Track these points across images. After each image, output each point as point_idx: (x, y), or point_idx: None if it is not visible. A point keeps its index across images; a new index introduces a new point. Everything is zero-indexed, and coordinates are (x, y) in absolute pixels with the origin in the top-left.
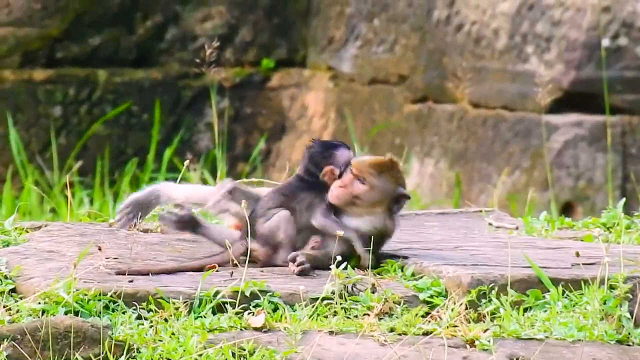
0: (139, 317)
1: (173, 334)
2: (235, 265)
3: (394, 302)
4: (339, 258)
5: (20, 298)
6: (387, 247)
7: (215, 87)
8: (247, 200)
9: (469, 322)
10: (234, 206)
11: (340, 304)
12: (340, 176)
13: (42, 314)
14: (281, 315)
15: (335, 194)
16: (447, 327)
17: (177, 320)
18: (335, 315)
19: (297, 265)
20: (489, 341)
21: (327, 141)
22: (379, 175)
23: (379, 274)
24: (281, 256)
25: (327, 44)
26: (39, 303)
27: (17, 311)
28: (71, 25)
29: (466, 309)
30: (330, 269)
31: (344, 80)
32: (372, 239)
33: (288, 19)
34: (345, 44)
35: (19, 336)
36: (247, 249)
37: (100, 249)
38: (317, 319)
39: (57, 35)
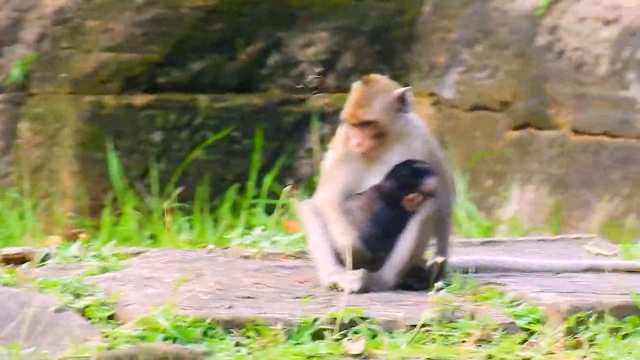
0: (238, 344)
1: None
2: None
3: (492, 328)
4: None
5: (119, 324)
6: (488, 274)
7: (317, 113)
8: None
9: (567, 349)
10: None
11: (439, 330)
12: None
13: (140, 341)
14: (380, 342)
15: (364, 149)
16: (545, 354)
17: (276, 347)
18: (434, 342)
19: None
20: None
21: (418, 166)
22: (371, 102)
23: (477, 300)
24: None
25: (430, 70)
26: (137, 329)
27: (115, 338)
28: (173, 50)
29: (564, 335)
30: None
31: (446, 106)
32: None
33: (391, 45)
34: (447, 70)
35: None
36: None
37: (199, 276)
38: (415, 346)
39: (159, 61)
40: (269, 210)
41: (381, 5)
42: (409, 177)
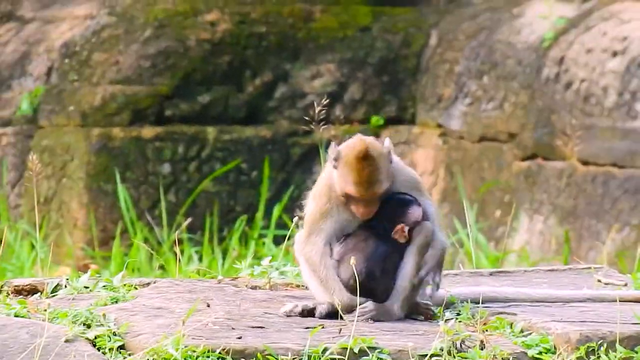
0: None
1: None
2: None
3: (502, 358)
4: None
5: (129, 355)
6: (498, 304)
7: (325, 144)
8: None
9: None
10: None
11: None
12: (409, 232)
13: None
14: None
15: (370, 215)
16: None
17: None
18: None
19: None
20: None
21: (401, 197)
22: (379, 174)
23: (487, 330)
24: None
25: (437, 102)
26: None
27: None
28: (180, 83)
29: None
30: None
31: (453, 137)
32: None
33: (397, 77)
34: (454, 102)
35: None
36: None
37: (208, 306)
38: None
39: (167, 93)
40: (278, 241)
41: (387, 37)
42: (394, 208)
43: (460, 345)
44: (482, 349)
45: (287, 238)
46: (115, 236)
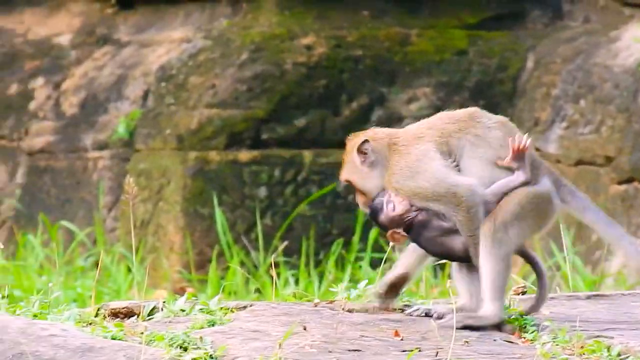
0: None
1: None
2: None
3: None
4: None
5: None
6: (595, 327)
7: None
8: None
9: None
10: None
11: None
12: (406, 231)
13: None
14: None
15: (360, 206)
16: None
17: None
18: None
19: None
20: None
21: (371, 204)
22: (345, 162)
23: (584, 353)
24: None
25: (533, 125)
26: None
27: None
28: (277, 106)
29: None
30: None
31: (550, 161)
32: None
33: (494, 100)
34: (551, 125)
35: None
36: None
37: (305, 329)
38: None
39: (263, 117)
40: (375, 264)
41: (484, 60)
42: (370, 217)
43: None
44: None
45: (383, 261)
46: (212, 260)
